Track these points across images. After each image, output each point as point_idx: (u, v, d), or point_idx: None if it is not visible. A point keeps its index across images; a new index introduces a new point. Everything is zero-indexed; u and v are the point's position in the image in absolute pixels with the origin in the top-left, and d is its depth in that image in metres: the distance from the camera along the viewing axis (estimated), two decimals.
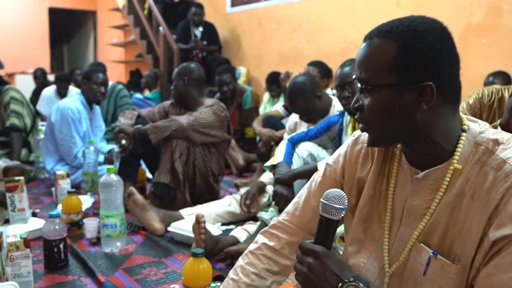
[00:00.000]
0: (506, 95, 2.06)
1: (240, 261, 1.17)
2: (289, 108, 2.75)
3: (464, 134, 0.89)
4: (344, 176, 1.09)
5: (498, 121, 1.77)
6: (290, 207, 1.18)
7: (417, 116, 0.86)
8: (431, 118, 0.87)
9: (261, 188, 2.47)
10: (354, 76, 0.93)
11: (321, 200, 0.86)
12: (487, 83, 3.26)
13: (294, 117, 2.91)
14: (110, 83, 3.90)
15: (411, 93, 0.85)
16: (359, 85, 0.90)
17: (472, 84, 3.54)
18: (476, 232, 0.83)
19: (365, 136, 1.07)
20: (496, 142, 0.86)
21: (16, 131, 3.68)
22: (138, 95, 5.13)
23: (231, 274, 1.16)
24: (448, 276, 0.87)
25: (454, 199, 0.87)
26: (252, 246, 1.18)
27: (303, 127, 2.72)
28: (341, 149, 1.12)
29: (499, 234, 0.79)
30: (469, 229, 0.84)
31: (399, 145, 0.98)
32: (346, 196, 0.86)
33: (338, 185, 1.09)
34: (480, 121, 0.93)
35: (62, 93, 5.16)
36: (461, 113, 0.93)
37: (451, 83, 0.87)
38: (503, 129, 1.66)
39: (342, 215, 0.85)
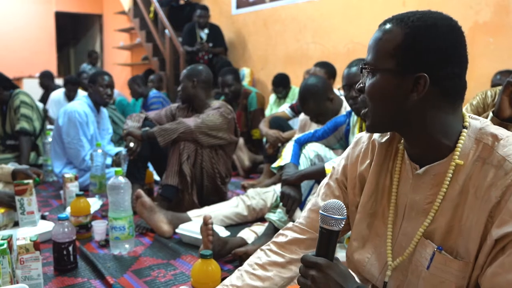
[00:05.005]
0: None
1: (250, 257, 1.22)
2: (301, 109, 2.73)
3: (464, 130, 0.90)
4: (347, 175, 1.11)
5: (491, 110, 1.76)
6: (303, 211, 1.22)
7: (407, 104, 0.88)
8: (423, 109, 0.89)
9: None
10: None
11: (320, 211, 0.87)
12: (494, 81, 3.23)
13: (304, 117, 2.89)
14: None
15: (406, 82, 0.87)
16: (364, 66, 0.94)
17: (479, 83, 3.52)
18: (478, 230, 0.84)
19: (366, 136, 1.10)
20: (496, 138, 0.87)
21: (25, 135, 3.71)
22: (154, 91, 5.18)
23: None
24: (451, 272, 0.88)
25: (458, 196, 0.88)
26: (263, 245, 1.23)
27: (312, 127, 2.72)
28: (344, 153, 1.16)
29: (501, 232, 0.80)
30: (471, 226, 0.85)
31: (402, 141, 0.99)
32: (344, 206, 0.88)
33: (341, 184, 1.13)
34: (481, 118, 0.94)
35: (70, 96, 5.21)
36: (464, 112, 0.93)
37: (452, 80, 0.88)
38: (496, 115, 1.67)
39: (342, 225, 0.86)
